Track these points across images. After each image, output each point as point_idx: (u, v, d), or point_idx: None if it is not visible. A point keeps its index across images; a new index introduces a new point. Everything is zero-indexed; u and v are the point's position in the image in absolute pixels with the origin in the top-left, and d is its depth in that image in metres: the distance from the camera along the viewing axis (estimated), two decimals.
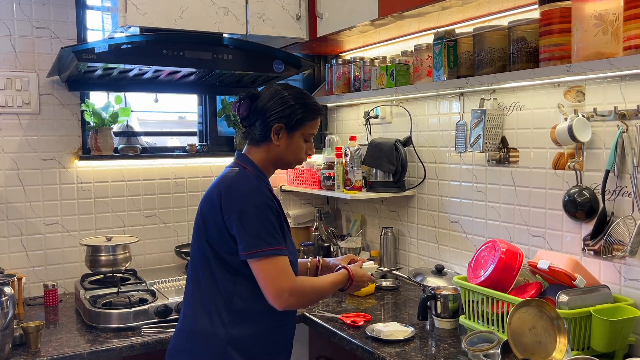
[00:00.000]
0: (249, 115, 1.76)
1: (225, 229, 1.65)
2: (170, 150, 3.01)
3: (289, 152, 1.78)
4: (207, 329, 1.69)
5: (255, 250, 1.62)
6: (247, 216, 1.63)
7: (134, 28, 2.38)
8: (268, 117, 1.73)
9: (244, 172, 1.73)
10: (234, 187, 1.67)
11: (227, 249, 1.67)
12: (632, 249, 1.79)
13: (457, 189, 2.52)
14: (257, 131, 1.76)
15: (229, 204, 1.65)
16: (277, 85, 1.78)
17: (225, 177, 1.72)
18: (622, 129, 1.82)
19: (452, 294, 2.10)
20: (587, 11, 1.72)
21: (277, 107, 1.73)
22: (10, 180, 2.56)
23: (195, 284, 1.74)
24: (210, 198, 1.69)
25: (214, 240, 1.68)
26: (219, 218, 1.66)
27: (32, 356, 1.90)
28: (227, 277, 1.69)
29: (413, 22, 2.40)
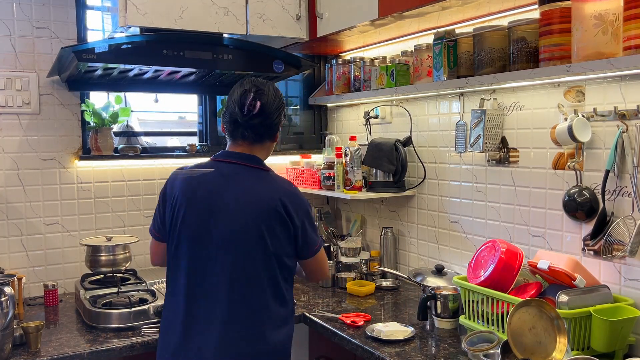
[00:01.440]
0: (262, 112, 1.74)
1: (294, 237, 1.74)
2: (170, 150, 3.00)
3: (273, 148, 1.87)
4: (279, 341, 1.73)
5: (318, 245, 1.82)
6: (310, 219, 1.79)
7: (134, 28, 2.38)
8: (276, 116, 1.77)
9: (274, 175, 1.80)
10: (294, 196, 1.75)
11: (291, 255, 1.76)
12: (632, 249, 1.79)
13: (457, 189, 2.52)
14: (265, 130, 1.77)
15: (296, 213, 1.72)
16: (269, 82, 1.80)
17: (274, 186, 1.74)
18: (622, 129, 1.82)
19: (452, 294, 2.10)
20: (587, 11, 1.72)
21: (281, 106, 1.79)
22: (10, 180, 2.56)
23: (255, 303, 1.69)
24: (272, 210, 1.68)
25: (284, 250, 1.72)
26: (289, 227, 1.71)
27: (32, 356, 1.90)
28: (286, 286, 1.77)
29: (413, 22, 2.40)
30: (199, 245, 1.70)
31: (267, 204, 1.68)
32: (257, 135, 1.77)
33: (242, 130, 1.75)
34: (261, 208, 1.68)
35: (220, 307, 1.67)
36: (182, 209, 1.72)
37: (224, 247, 1.67)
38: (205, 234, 1.69)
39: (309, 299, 2.54)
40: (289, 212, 1.70)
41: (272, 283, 1.71)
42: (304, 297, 2.55)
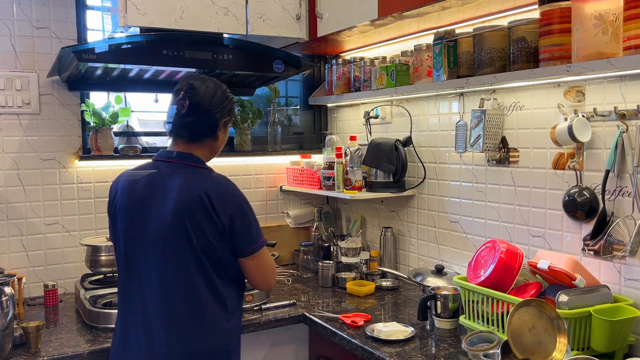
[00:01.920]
0: (192, 111, 1.73)
1: (223, 232, 1.66)
2: None
3: (222, 144, 1.85)
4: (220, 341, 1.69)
5: (258, 243, 1.72)
6: (244, 214, 1.70)
7: (134, 28, 2.38)
8: (214, 113, 1.74)
9: (207, 172, 1.75)
10: (220, 190, 1.68)
11: (225, 252, 1.68)
12: (632, 249, 1.79)
13: (457, 189, 2.52)
14: (201, 128, 1.74)
15: (223, 207, 1.65)
16: (210, 81, 1.78)
17: (200, 184, 1.67)
18: (622, 129, 1.82)
19: (452, 294, 2.10)
20: (587, 11, 1.72)
21: (223, 102, 1.76)
22: (11, 180, 2.56)
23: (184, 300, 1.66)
24: (195, 206, 1.64)
25: (213, 247, 1.66)
26: (215, 223, 1.64)
27: (32, 356, 1.90)
28: (223, 283, 1.70)
29: (413, 22, 2.40)
30: (133, 246, 1.72)
31: (192, 199, 1.64)
32: (193, 134, 1.75)
33: (177, 129, 1.76)
34: (187, 204, 1.64)
35: (153, 308, 1.67)
36: (120, 211, 1.76)
37: (155, 246, 1.67)
38: (140, 235, 1.70)
39: (309, 299, 2.54)
40: (215, 207, 1.64)
41: (206, 281, 1.67)
42: (304, 297, 2.55)
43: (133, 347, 1.70)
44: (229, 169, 3.07)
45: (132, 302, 1.71)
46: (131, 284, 1.72)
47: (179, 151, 1.76)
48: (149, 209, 1.70)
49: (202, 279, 1.66)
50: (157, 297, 1.67)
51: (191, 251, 1.65)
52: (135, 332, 1.70)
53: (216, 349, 1.69)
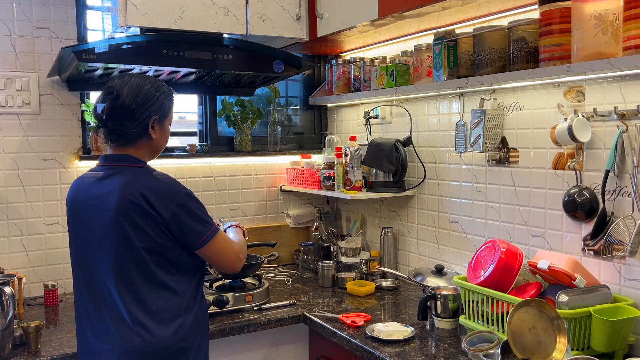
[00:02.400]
0: (113, 114, 1.70)
1: (166, 228, 1.66)
2: (170, 150, 3.00)
3: (162, 141, 1.82)
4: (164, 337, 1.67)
5: (206, 235, 1.71)
6: (187, 208, 1.69)
7: (134, 28, 2.38)
8: (141, 113, 1.71)
9: (145, 170, 1.72)
10: (156, 187, 1.67)
11: (169, 248, 1.68)
12: (632, 249, 1.79)
13: (457, 189, 2.52)
14: (130, 130, 1.71)
15: (163, 204, 1.64)
16: (135, 78, 1.73)
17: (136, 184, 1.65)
18: (622, 129, 1.82)
19: (452, 294, 2.10)
20: (587, 11, 1.72)
21: (147, 101, 1.72)
22: (11, 180, 2.56)
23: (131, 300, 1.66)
24: (133, 208, 1.63)
25: (155, 244, 1.65)
26: (156, 220, 1.64)
27: (32, 356, 1.90)
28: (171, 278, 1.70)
29: (413, 22, 2.40)
30: (81, 249, 1.74)
31: (130, 199, 1.63)
32: (123, 138, 1.73)
33: (107, 134, 1.75)
34: (125, 205, 1.63)
35: (105, 307, 1.68)
36: (68, 217, 1.79)
37: (99, 247, 1.68)
38: (85, 237, 1.72)
39: (309, 299, 2.54)
40: (152, 204, 1.63)
41: (149, 277, 1.66)
42: (304, 297, 2.56)
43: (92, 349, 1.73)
44: (228, 169, 3.07)
45: (84, 302, 1.73)
46: (82, 287, 1.74)
47: (115, 154, 1.76)
48: (90, 214, 1.71)
49: (146, 278, 1.66)
50: (105, 296, 1.68)
51: (132, 251, 1.64)
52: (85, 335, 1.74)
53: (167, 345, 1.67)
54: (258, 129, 3.23)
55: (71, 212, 1.78)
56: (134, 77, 1.75)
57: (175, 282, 1.71)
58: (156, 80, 1.78)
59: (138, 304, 1.66)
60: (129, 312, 1.65)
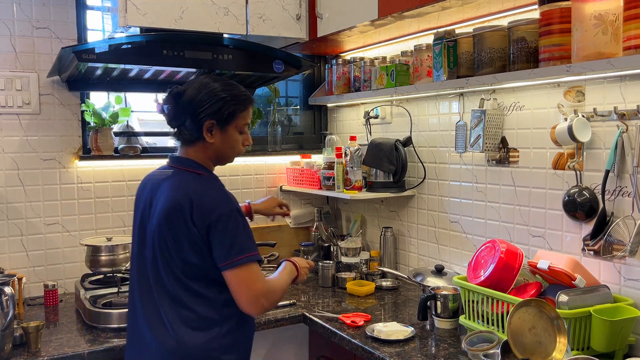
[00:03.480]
0: (176, 114, 1.69)
1: (201, 241, 1.61)
2: (170, 150, 2.99)
3: (226, 147, 1.74)
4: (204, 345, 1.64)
5: (233, 260, 1.59)
6: (222, 226, 1.59)
7: (134, 28, 2.38)
8: (198, 114, 1.66)
9: (199, 178, 1.68)
10: (204, 197, 1.61)
11: (207, 261, 1.63)
12: (632, 249, 1.79)
13: (457, 189, 2.52)
14: (188, 131, 1.69)
15: (202, 215, 1.59)
16: (203, 79, 1.71)
17: (186, 189, 1.63)
18: (622, 129, 1.82)
19: (452, 294, 2.10)
20: (587, 11, 1.72)
21: (206, 102, 1.66)
22: (11, 180, 2.56)
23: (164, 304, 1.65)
24: (176, 212, 1.60)
25: (191, 256, 1.62)
26: (192, 231, 1.60)
27: (32, 356, 1.90)
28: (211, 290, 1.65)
29: (413, 22, 2.40)
30: (136, 243, 1.75)
31: (173, 205, 1.61)
32: (182, 137, 1.72)
33: (173, 133, 1.75)
34: (168, 210, 1.61)
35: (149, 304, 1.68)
36: (133, 214, 1.80)
37: (146, 246, 1.69)
38: (139, 232, 1.73)
39: (309, 299, 2.54)
40: (193, 213, 1.59)
41: (183, 284, 1.63)
42: (304, 297, 2.55)
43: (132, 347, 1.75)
44: (229, 169, 3.05)
45: (133, 301, 1.75)
46: (134, 278, 1.75)
47: (178, 155, 1.75)
48: (144, 211, 1.72)
49: (180, 284, 1.64)
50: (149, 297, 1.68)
51: (168, 258, 1.64)
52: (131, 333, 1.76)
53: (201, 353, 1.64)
54: (258, 129, 3.23)
55: (134, 211, 1.79)
56: (204, 77, 1.72)
57: (211, 293, 1.66)
58: (228, 84, 1.71)
59: (173, 307, 1.64)
60: (165, 313, 1.64)
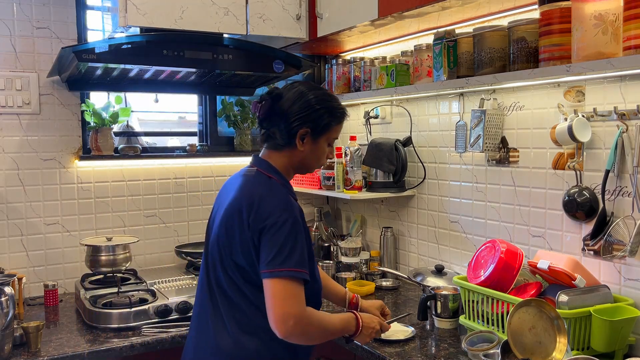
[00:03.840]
0: (269, 117, 1.67)
1: (253, 246, 1.55)
2: (170, 150, 3.01)
3: (312, 157, 1.70)
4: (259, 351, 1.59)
5: (274, 270, 1.50)
6: (275, 232, 1.52)
7: (134, 28, 2.38)
8: (292, 121, 1.63)
9: (269, 181, 1.64)
10: (262, 202, 1.56)
11: (256, 267, 1.57)
12: (632, 249, 1.79)
13: (457, 189, 2.52)
14: (279, 135, 1.65)
15: (258, 219, 1.54)
16: (301, 86, 1.67)
17: (251, 190, 1.60)
18: (622, 129, 1.82)
19: (452, 294, 2.10)
20: (587, 11, 1.72)
21: (302, 111, 1.63)
22: (11, 180, 2.56)
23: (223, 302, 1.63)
24: (236, 212, 1.58)
25: (241, 259, 1.58)
26: (246, 234, 1.56)
27: (32, 356, 1.90)
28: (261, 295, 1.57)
29: (413, 22, 2.40)
30: (205, 245, 1.75)
31: (236, 203, 1.59)
32: (270, 141, 1.69)
33: (260, 135, 1.73)
34: (230, 207, 1.60)
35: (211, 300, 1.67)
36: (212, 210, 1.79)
37: (210, 249, 1.69)
38: (208, 233, 1.74)
39: None
40: (250, 216, 1.55)
41: (236, 287, 1.60)
42: None
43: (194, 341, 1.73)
44: (228, 168, 3.07)
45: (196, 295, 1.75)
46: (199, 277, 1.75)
47: (260, 157, 1.72)
48: (219, 209, 1.70)
49: (233, 286, 1.61)
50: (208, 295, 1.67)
51: (223, 258, 1.62)
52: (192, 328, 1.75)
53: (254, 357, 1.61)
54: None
55: (213, 208, 1.78)
56: (301, 85, 1.69)
57: (259, 299, 1.57)
58: (326, 95, 1.69)
59: (230, 309, 1.62)
60: (224, 312, 1.62)
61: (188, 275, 2.67)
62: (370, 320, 1.73)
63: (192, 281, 2.56)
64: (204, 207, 3.01)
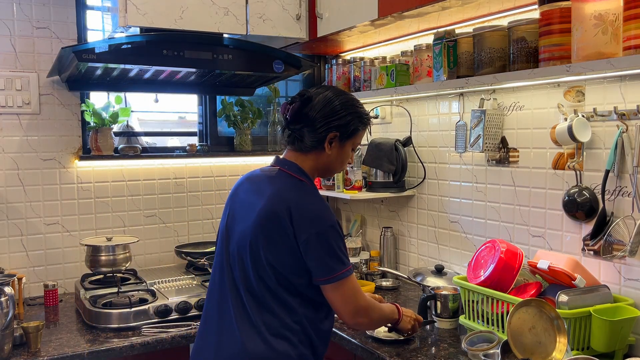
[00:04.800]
0: (298, 119, 1.66)
1: (298, 251, 1.58)
2: (170, 150, 3.01)
3: (337, 161, 1.72)
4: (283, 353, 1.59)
5: (335, 274, 1.58)
6: (324, 239, 1.57)
7: (134, 28, 2.38)
8: (323, 125, 1.64)
9: (302, 185, 1.66)
10: (305, 207, 1.59)
11: (296, 271, 1.60)
12: (631, 248, 1.79)
13: (457, 189, 2.52)
14: (307, 138, 1.66)
15: (303, 226, 1.56)
16: (330, 91, 1.70)
17: (289, 194, 1.61)
18: (622, 129, 1.82)
19: (452, 294, 2.10)
20: (587, 11, 1.72)
21: (333, 115, 1.65)
22: (11, 180, 2.56)
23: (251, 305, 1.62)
24: (274, 217, 1.58)
25: (281, 263, 1.59)
26: (290, 240, 1.57)
27: (32, 356, 1.90)
28: (293, 299, 1.62)
29: (413, 22, 2.40)
30: (222, 245, 1.72)
31: (274, 210, 1.58)
32: (299, 143, 1.68)
33: (287, 136, 1.72)
34: (267, 214, 1.59)
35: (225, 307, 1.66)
36: (225, 209, 1.78)
37: (236, 243, 1.66)
38: (227, 234, 1.71)
39: None
40: (293, 222, 1.56)
41: (270, 290, 1.61)
42: None
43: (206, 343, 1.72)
44: (228, 168, 3.07)
45: (212, 295, 1.72)
46: (213, 279, 1.74)
47: (284, 158, 1.72)
48: (241, 208, 1.69)
49: (266, 289, 1.61)
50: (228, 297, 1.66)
51: (256, 261, 1.61)
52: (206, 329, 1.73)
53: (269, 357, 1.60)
54: (258, 128, 3.23)
55: (230, 199, 1.77)
56: (330, 90, 1.70)
57: (294, 302, 1.62)
58: (354, 101, 1.71)
59: (260, 311, 1.61)
60: (252, 314, 1.61)
61: (188, 275, 2.67)
62: (407, 311, 1.91)
63: (192, 281, 2.56)
64: (203, 207, 3.01)
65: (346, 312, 1.63)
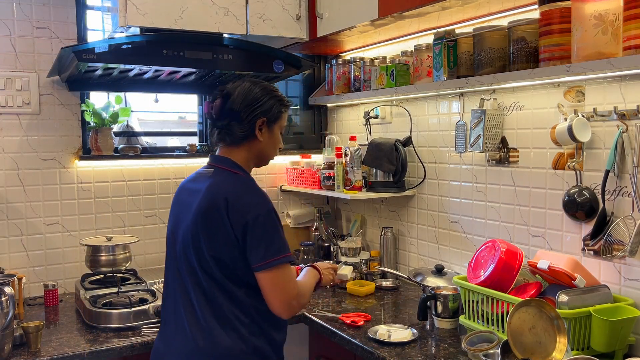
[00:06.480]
0: (223, 114, 1.72)
1: (236, 241, 1.61)
2: (170, 150, 3.01)
3: (270, 146, 1.79)
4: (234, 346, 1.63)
5: (267, 260, 1.60)
6: (258, 226, 1.61)
7: (134, 28, 2.38)
8: (248, 114, 1.70)
9: (236, 177, 1.70)
10: (240, 197, 1.62)
11: (237, 261, 1.63)
12: (632, 248, 1.79)
13: (457, 189, 2.52)
14: (236, 131, 1.71)
15: (238, 215, 1.60)
16: (246, 82, 1.75)
17: (223, 188, 1.65)
18: (622, 129, 1.82)
19: (452, 294, 2.10)
20: (587, 11, 1.72)
21: (255, 103, 1.71)
22: (11, 180, 2.56)
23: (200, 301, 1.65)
24: (212, 210, 1.61)
25: (223, 254, 1.62)
26: (227, 230, 1.60)
27: (32, 356, 1.90)
28: (239, 290, 1.65)
29: (413, 22, 2.40)
30: (169, 249, 1.77)
31: (211, 204, 1.62)
32: (230, 137, 1.73)
33: (216, 134, 1.76)
34: (204, 209, 1.62)
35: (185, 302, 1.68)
36: (171, 205, 1.83)
37: (181, 242, 1.70)
38: (173, 236, 1.75)
39: None
40: (229, 212, 1.59)
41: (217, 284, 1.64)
42: None
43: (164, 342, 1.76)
44: None
45: (165, 299, 1.77)
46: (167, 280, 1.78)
47: (218, 155, 1.77)
48: (182, 208, 1.74)
49: (214, 283, 1.64)
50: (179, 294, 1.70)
51: (200, 256, 1.64)
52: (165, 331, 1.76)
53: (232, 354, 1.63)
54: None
55: (173, 203, 1.82)
56: (246, 81, 1.76)
57: (240, 292, 1.65)
58: (271, 87, 1.78)
59: (207, 304, 1.64)
60: (202, 310, 1.64)
61: None
62: (322, 264, 1.98)
63: None
64: None
65: (278, 301, 1.63)
